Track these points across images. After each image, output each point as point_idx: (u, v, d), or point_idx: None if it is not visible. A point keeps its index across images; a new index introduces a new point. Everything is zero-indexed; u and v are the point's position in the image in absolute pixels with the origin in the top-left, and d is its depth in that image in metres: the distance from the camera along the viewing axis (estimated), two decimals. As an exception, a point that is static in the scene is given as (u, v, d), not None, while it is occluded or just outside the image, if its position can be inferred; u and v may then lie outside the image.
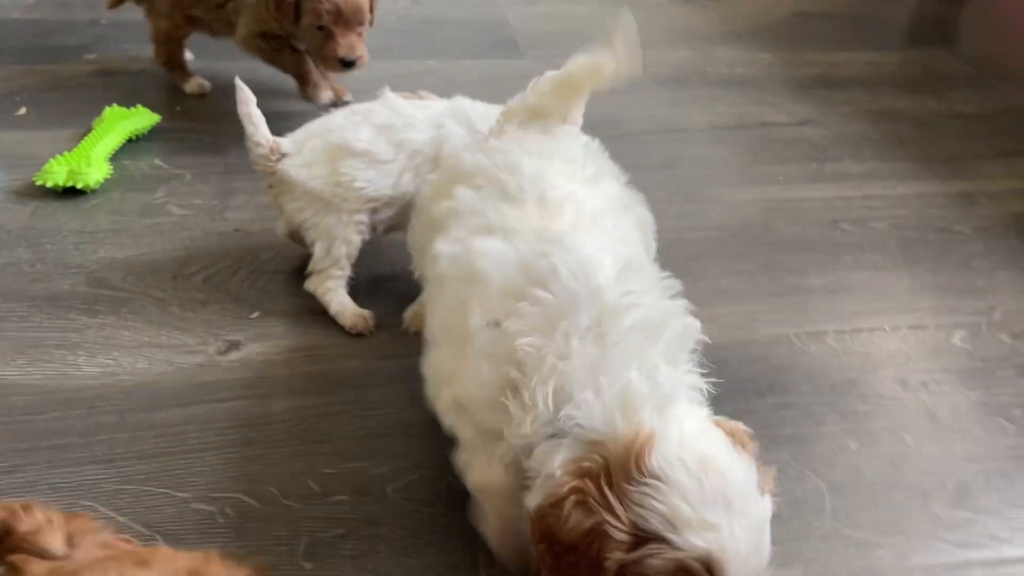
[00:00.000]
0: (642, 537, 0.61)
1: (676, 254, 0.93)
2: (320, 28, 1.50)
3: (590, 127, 1.09)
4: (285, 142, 1.18)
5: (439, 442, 0.98)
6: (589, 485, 0.63)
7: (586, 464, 0.64)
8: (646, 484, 0.62)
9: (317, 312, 1.17)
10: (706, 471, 0.63)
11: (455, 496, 0.92)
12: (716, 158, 1.63)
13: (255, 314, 1.17)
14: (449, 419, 0.80)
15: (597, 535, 0.62)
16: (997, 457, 1.01)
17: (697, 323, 0.75)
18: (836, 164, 1.62)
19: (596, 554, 0.62)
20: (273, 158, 1.17)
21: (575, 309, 0.71)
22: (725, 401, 0.75)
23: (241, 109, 1.16)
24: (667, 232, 1.33)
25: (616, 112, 1.69)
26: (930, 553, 0.90)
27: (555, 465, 0.66)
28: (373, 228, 1.19)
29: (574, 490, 0.63)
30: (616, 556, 0.61)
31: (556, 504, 0.63)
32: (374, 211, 1.16)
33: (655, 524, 0.61)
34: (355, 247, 1.16)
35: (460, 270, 0.80)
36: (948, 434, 1.04)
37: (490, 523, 0.81)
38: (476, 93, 1.25)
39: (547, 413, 0.68)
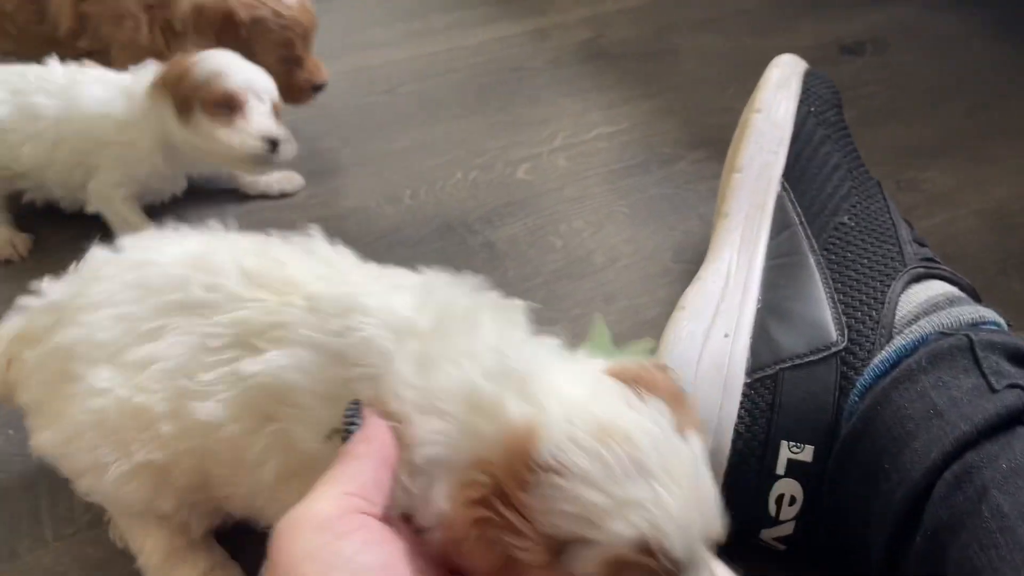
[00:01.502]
0: (562, 545, 0.51)
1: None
2: (286, 59, 1.21)
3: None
4: None
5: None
6: (485, 512, 0.51)
7: (475, 488, 0.52)
8: (542, 484, 0.50)
9: None
10: (606, 440, 0.51)
11: (6, 454, 0.90)
12: (306, 36, 1.60)
13: None
14: None
15: (511, 564, 0.51)
16: (546, 273, 1.13)
17: (516, 300, 0.64)
18: (424, 21, 1.65)
19: None
20: None
21: (398, 366, 0.58)
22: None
23: None
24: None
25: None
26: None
27: (439, 500, 0.53)
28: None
29: (475, 524, 0.51)
30: None
31: (458, 543, 0.53)
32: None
33: (570, 526, 0.50)
34: None
35: (257, 394, 0.63)
36: (505, 262, 1.14)
37: None
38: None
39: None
